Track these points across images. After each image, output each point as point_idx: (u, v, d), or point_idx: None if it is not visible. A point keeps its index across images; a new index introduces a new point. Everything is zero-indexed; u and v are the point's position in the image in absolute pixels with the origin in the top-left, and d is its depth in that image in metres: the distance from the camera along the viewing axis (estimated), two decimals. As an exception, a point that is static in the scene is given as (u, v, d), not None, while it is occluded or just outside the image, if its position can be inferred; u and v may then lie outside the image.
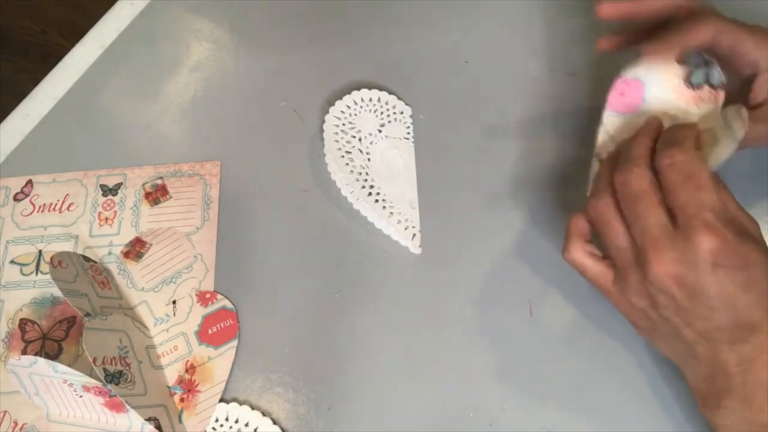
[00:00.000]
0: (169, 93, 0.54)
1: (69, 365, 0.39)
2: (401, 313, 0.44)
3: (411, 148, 0.49)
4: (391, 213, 0.46)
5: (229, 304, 0.45)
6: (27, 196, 0.50)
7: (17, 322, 0.45)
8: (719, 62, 0.40)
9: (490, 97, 0.51)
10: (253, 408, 0.42)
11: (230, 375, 0.43)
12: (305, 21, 0.56)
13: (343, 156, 0.48)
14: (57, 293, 0.45)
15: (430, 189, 0.48)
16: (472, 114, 0.51)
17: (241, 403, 0.42)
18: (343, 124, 0.50)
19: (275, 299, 0.45)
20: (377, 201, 0.47)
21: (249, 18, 0.57)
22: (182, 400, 0.42)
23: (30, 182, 0.50)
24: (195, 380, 0.43)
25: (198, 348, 0.44)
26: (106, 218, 0.48)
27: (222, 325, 0.44)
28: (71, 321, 0.45)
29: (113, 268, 0.47)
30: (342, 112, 0.50)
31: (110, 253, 0.47)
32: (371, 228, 0.47)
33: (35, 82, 0.55)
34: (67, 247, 0.47)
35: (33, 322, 0.45)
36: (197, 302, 0.45)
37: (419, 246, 0.46)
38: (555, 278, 0.44)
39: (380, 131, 0.50)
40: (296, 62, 0.54)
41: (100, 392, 0.40)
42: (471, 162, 0.49)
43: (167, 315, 0.45)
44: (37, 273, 0.47)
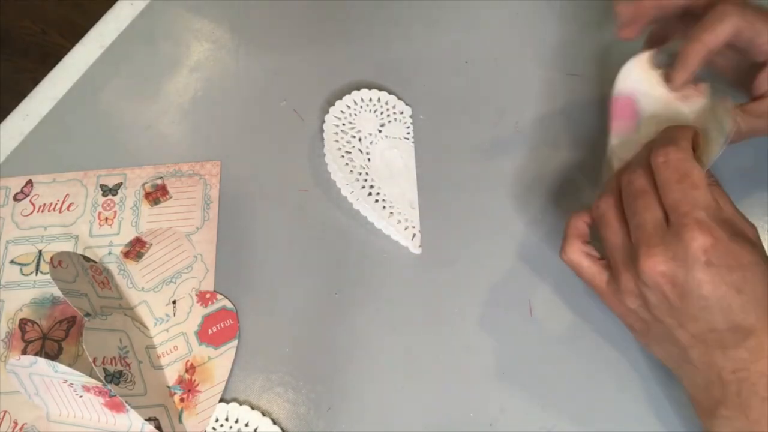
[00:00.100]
0: (169, 93, 0.54)
1: (69, 365, 0.39)
2: (401, 313, 0.44)
3: (411, 148, 0.49)
4: (391, 213, 0.46)
5: (229, 304, 0.45)
6: (27, 196, 0.50)
7: (17, 322, 0.45)
8: (735, 51, 0.40)
9: (490, 97, 0.51)
10: (253, 408, 0.42)
11: (230, 375, 0.43)
12: (305, 21, 0.56)
13: (343, 156, 0.48)
14: (57, 293, 0.45)
15: (430, 189, 0.48)
16: (472, 114, 0.51)
17: (241, 403, 0.42)
18: (343, 124, 0.50)
19: (275, 299, 0.45)
20: (377, 201, 0.47)
21: (249, 18, 0.57)
22: (182, 400, 0.42)
23: (30, 182, 0.50)
24: (195, 380, 0.43)
25: (198, 348, 0.44)
26: (106, 218, 0.48)
27: (222, 325, 0.44)
28: (71, 321, 0.45)
29: (113, 268, 0.47)
30: (342, 112, 0.50)
31: (110, 253, 0.47)
32: (371, 228, 0.47)
33: (35, 82, 0.55)
34: (67, 247, 0.47)
35: (33, 322, 0.45)
36: (197, 302, 0.45)
37: (419, 246, 0.46)
38: (555, 278, 0.44)
39: (380, 131, 0.50)
40: (296, 62, 0.54)
41: (100, 392, 0.40)
42: (471, 162, 0.49)
43: (167, 315, 0.45)
44: (37, 273, 0.47)
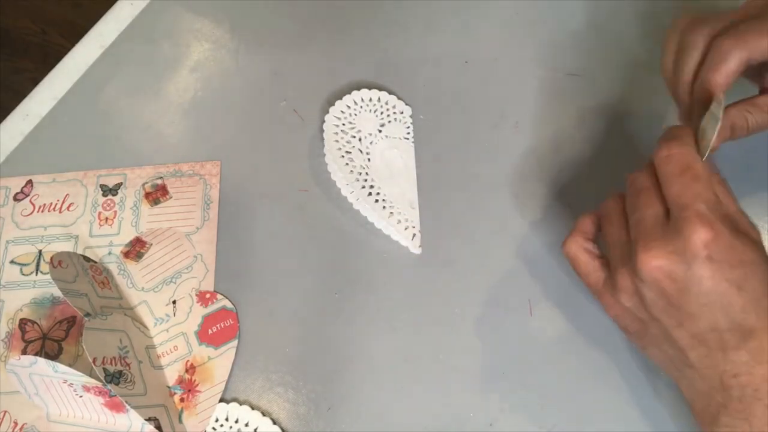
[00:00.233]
0: (169, 93, 0.54)
1: (69, 365, 0.39)
2: (401, 313, 0.44)
3: (411, 148, 0.49)
4: (391, 213, 0.46)
5: (229, 304, 0.45)
6: (27, 196, 0.50)
7: (17, 322, 0.45)
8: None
9: (490, 97, 0.51)
10: (253, 408, 0.42)
11: (230, 375, 0.43)
12: (305, 21, 0.56)
13: (343, 156, 0.48)
14: (57, 293, 0.45)
15: (430, 189, 0.48)
16: (472, 114, 0.51)
17: (241, 403, 0.42)
18: (343, 124, 0.50)
19: (275, 299, 0.45)
20: (377, 201, 0.47)
21: (249, 18, 0.57)
22: (182, 400, 0.42)
23: (30, 182, 0.50)
24: (195, 380, 0.43)
25: (198, 348, 0.44)
26: (106, 218, 0.48)
27: (222, 325, 0.44)
28: (71, 321, 0.45)
29: (113, 268, 0.47)
30: (342, 112, 0.50)
31: (110, 253, 0.47)
32: (371, 228, 0.47)
33: (35, 82, 0.55)
34: (67, 247, 0.47)
35: (33, 322, 0.45)
36: (197, 302, 0.45)
37: (419, 246, 0.46)
38: (555, 278, 0.44)
39: (380, 131, 0.50)
40: (296, 62, 0.54)
41: (100, 392, 0.40)
42: (471, 162, 0.49)
43: (167, 315, 0.45)
44: (37, 273, 0.47)
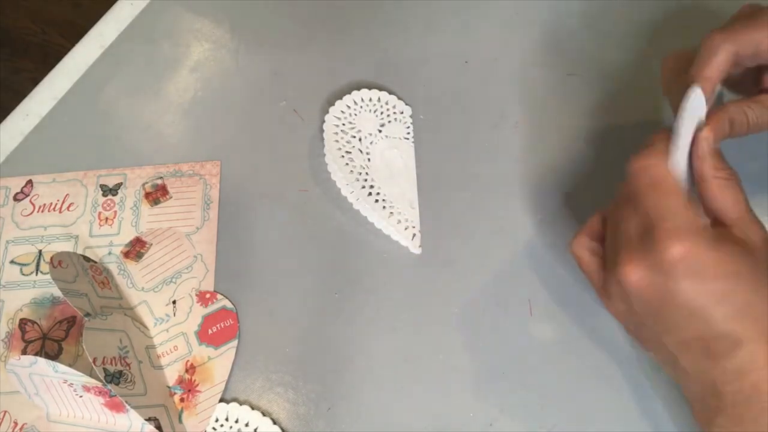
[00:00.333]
0: (169, 93, 0.54)
1: (69, 365, 0.39)
2: (401, 313, 0.44)
3: (411, 148, 0.49)
4: (391, 213, 0.46)
5: (229, 304, 0.45)
6: (27, 196, 0.50)
7: (17, 322, 0.45)
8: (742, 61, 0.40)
9: (490, 97, 0.51)
10: (253, 408, 0.42)
11: (230, 375, 0.43)
12: (305, 21, 0.56)
13: (343, 156, 0.48)
14: (57, 293, 0.45)
15: (430, 189, 0.48)
16: (472, 114, 0.51)
17: (241, 403, 0.42)
18: (343, 124, 0.50)
19: (275, 299, 0.45)
20: (377, 201, 0.47)
21: (249, 18, 0.57)
22: (182, 400, 0.42)
23: (30, 182, 0.50)
24: (195, 380, 0.43)
25: (198, 348, 0.44)
26: (106, 218, 0.48)
27: (222, 325, 0.44)
28: (71, 321, 0.45)
29: (113, 268, 0.47)
30: (342, 112, 0.50)
31: (110, 253, 0.47)
32: (371, 228, 0.47)
33: (35, 82, 0.55)
34: (67, 247, 0.47)
35: (33, 322, 0.45)
36: (197, 302, 0.45)
37: (419, 246, 0.46)
38: (555, 278, 0.44)
39: (380, 131, 0.50)
40: (296, 62, 0.54)
41: (100, 392, 0.40)
42: (471, 162, 0.49)
43: (167, 315, 0.45)
44: (37, 273, 0.47)
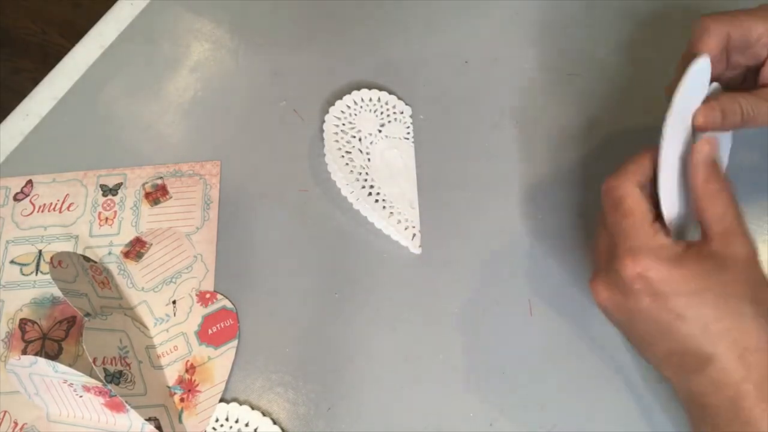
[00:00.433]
0: (169, 93, 0.54)
1: (69, 365, 0.39)
2: (401, 313, 0.44)
3: (411, 148, 0.49)
4: (391, 213, 0.46)
5: (229, 304, 0.45)
6: (27, 196, 0.50)
7: (17, 322, 0.45)
8: (734, 54, 0.40)
9: (490, 97, 0.51)
10: (253, 408, 0.42)
11: (230, 375, 0.43)
12: (305, 21, 0.56)
13: (343, 156, 0.48)
14: (57, 293, 0.45)
15: (430, 189, 0.48)
16: (472, 114, 0.51)
17: (241, 403, 0.42)
18: (343, 124, 0.50)
19: (275, 299, 0.45)
20: (377, 201, 0.47)
21: (249, 18, 0.57)
22: (182, 400, 0.42)
23: (30, 182, 0.50)
24: (195, 380, 0.43)
25: (198, 348, 0.44)
26: (106, 218, 0.48)
27: (222, 325, 0.44)
28: (71, 321, 0.45)
29: (113, 268, 0.47)
30: (342, 112, 0.50)
31: (110, 253, 0.47)
32: (371, 228, 0.47)
33: (35, 82, 0.55)
34: (67, 247, 0.47)
35: (33, 322, 0.45)
36: (197, 302, 0.45)
37: (419, 246, 0.46)
38: (555, 278, 0.44)
39: (380, 131, 0.50)
40: (296, 62, 0.54)
41: (100, 392, 0.40)
42: (471, 162, 0.49)
43: (167, 315, 0.45)
44: (37, 273, 0.47)
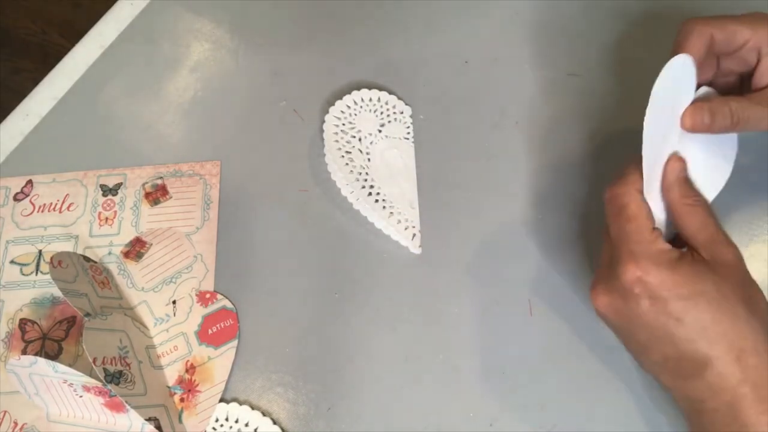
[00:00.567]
0: (169, 93, 0.54)
1: (69, 365, 0.39)
2: (401, 313, 0.44)
3: (411, 148, 0.49)
4: (391, 213, 0.46)
5: (229, 304, 0.45)
6: (27, 196, 0.50)
7: (17, 322, 0.45)
8: (723, 59, 0.40)
9: (490, 97, 0.51)
10: (253, 408, 0.42)
11: (230, 375, 0.43)
12: (305, 21, 0.56)
13: (343, 156, 0.48)
14: (57, 293, 0.45)
15: (430, 189, 0.48)
16: (472, 114, 0.51)
17: (241, 403, 0.42)
18: (343, 124, 0.50)
19: (275, 299, 0.45)
20: (377, 201, 0.47)
21: (249, 18, 0.57)
22: (182, 400, 0.42)
23: (30, 182, 0.50)
24: (195, 380, 0.43)
25: (198, 348, 0.44)
26: (106, 218, 0.48)
27: (222, 325, 0.44)
28: (71, 321, 0.45)
29: (113, 268, 0.47)
30: (342, 112, 0.50)
31: (110, 253, 0.47)
32: (371, 228, 0.47)
33: (35, 82, 0.55)
34: (67, 247, 0.47)
35: (33, 322, 0.45)
36: (197, 302, 0.45)
37: (419, 246, 0.46)
38: (555, 278, 0.44)
39: (380, 131, 0.50)
40: (296, 62, 0.54)
41: (100, 392, 0.40)
42: (471, 162, 0.49)
43: (167, 315, 0.45)
44: (37, 273, 0.47)
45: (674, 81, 0.37)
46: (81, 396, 0.41)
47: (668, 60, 0.36)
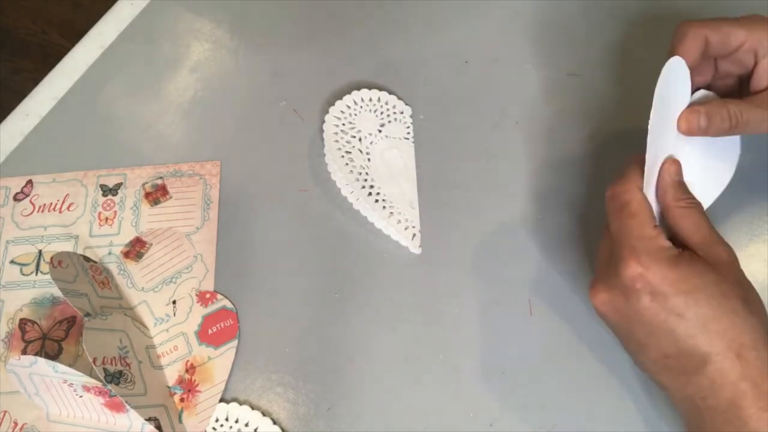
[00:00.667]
0: (169, 93, 0.54)
1: (69, 365, 0.39)
2: (401, 313, 0.44)
3: (411, 148, 0.49)
4: (391, 213, 0.46)
5: (229, 304, 0.45)
6: (27, 196, 0.50)
7: (17, 322, 0.45)
8: (721, 62, 0.40)
9: (490, 97, 0.51)
10: (253, 408, 0.42)
11: (230, 375, 0.43)
12: (305, 21, 0.56)
13: (343, 156, 0.48)
14: (57, 293, 0.45)
15: (430, 189, 0.48)
16: (472, 114, 0.51)
17: (241, 403, 0.42)
18: (343, 124, 0.50)
19: (275, 299, 0.45)
20: (377, 201, 0.47)
21: (249, 18, 0.57)
22: (182, 400, 0.42)
23: (30, 182, 0.50)
24: (195, 380, 0.43)
25: (198, 348, 0.44)
26: (106, 218, 0.48)
27: (222, 325, 0.44)
28: (71, 321, 0.45)
29: (113, 268, 0.47)
30: (342, 112, 0.50)
31: (110, 253, 0.47)
32: (371, 228, 0.47)
33: (35, 82, 0.55)
34: (67, 247, 0.47)
35: (33, 322, 0.45)
36: (197, 302, 0.45)
37: (419, 246, 0.46)
38: (555, 278, 0.44)
39: (380, 131, 0.50)
40: (296, 62, 0.54)
41: (100, 392, 0.40)
42: (471, 162, 0.49)
43: (167, 315, 0.45)
44: (37, 273, 0.47)
45: (670, 84, 0.37)
46: (81, 396, 0.41)
47: (666, 62, 0.37)
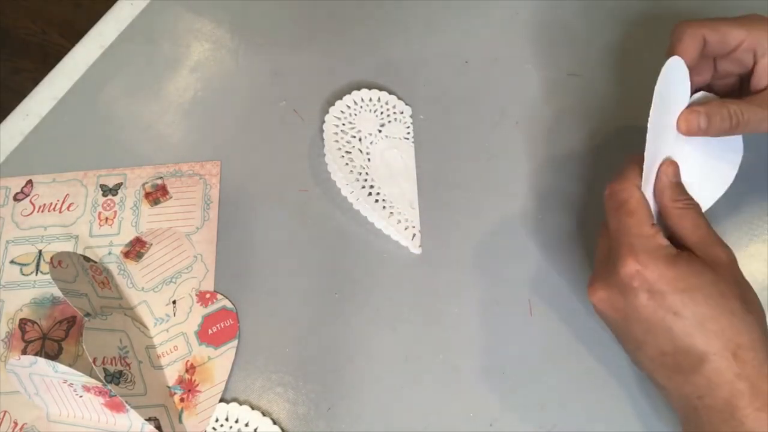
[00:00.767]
0: (169, 93, 0.54)
1: (69, 365, 0.39)
2: (401, 313, 0.44)
3: (411, 148, 0.49)
4: (391, 213, 0.46)
5: (229, 304, 0.45)
6: (27, 196, 0.50)
7: (17, 322, 0.45)
8: (720, 61, 0.40)
9: (490, 97, 0.51)
10: (253, 408, 0.42)
11: (230, 375, 0.43)
12: (305, 21, 0.56)
13: (343, 156, 0.48)
14: (57, 293, 0.45)
15: (430, 189, 0.48)
16: (472, 114, 0.51)
17: (241, 403, 0.42)
18: (343, 124, 0.50)
19: (275, 299, 0.45)
20: (377, 201, 0.47)
21: (249, 18, 0.57)
22: (182, 400, 0.42)
23: (30, 182, 0.50)
24: (195, 380, 0.43)
25: (198, 348, 0.44)
26: (106, 218, 0.48)
27: (222, 325, 0.44)
28: (71, 321, 0.45)
29: (113, 268, 0.47)
30: (342, 112, 0.50)
31: (110, 253, 0.47)
32: (371, 228, 0.47)
33: (35, 82, 0.55)
34: (67, 247, 0.47)
35: (33, 322, 0.45)
36: (197, 302, 0.45)
37: (419, 246, 0.46)
38: (555, 278, 0.44)
39: (380, 131, 0.50)
40: (296, 62, 0.54)
41: (100, 392, 0.40)
42: (471, 162, 0.49)
43: (167, 315, 0.45)
44: (37, 273, 0.47)
45: (669, 83, 0.37)
46: (81, 396, 0.41)
47: (665, 62, 0.37)
